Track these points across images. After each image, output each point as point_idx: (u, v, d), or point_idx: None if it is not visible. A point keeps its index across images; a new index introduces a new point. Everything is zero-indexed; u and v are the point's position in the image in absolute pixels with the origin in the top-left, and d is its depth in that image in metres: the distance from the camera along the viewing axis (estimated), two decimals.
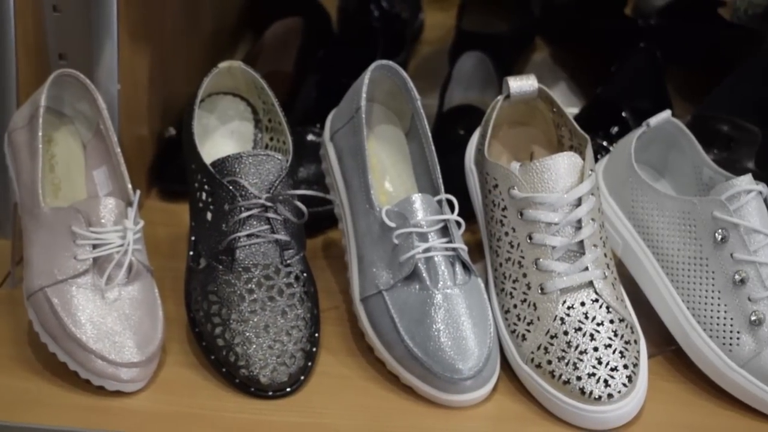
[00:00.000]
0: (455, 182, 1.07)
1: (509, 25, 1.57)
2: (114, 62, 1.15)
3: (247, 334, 0.96)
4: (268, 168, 1.01)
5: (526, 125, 1.10)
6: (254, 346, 0.96)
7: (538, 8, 1.64)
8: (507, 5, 1.62)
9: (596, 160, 1.12)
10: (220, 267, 1.00)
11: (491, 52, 1.40)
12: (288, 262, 1.01)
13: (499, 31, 1.55)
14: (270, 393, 0.95)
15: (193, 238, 1.04)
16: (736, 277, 0.97)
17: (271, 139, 1.11)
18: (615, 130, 1.29)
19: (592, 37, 1.56)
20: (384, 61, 1.06)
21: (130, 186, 1.03)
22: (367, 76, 1.05)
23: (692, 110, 1.34)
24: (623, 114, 1.30)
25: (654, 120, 1.06)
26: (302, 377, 0.97)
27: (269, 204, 1.00)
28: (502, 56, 1.43)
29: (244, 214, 0.99)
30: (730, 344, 0.97)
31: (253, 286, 0.99)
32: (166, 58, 1.30)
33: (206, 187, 1.01)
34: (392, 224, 0.98)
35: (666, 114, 1.06)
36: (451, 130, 1.27)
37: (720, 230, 0.98)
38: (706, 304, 0.98)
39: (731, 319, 0.97)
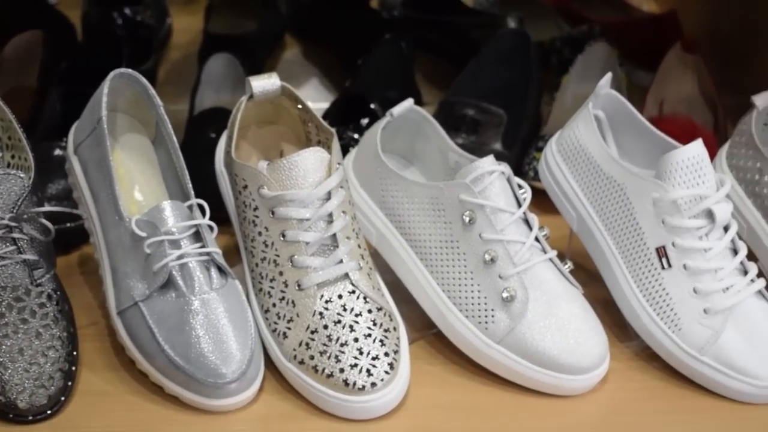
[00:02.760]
0: (209, 186, 1.07)
1: (257, 24, 1.57)
2: None
3: (1, 359, 0.93)
4: (10, 187, 0.98)
5: (274, 124, 1.10)
6: (9, 371, 0.93)
7: (285, 6, 1.64)
8: (254, 5, 1.61)
9: (348, 152, 1.13)
10: None
11: (239, 53, 1.40)
12: (38, 281, 0.98)
13: (246, 31, 1.54)
14: (30, 417, 0.93)
15: None
16: (486, 256, 0.99)
17: (13, 156, 1.08)
18: (365, 122, 1.30)
19: (340, 32, 1.58)
20: (123, 69, 1.05)
21: None
22: (106, 86, 1.03)
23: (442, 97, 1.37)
24: (372, 106, 1.31)
25: (397, 109, 1.07)
26: (63, 398, 0.94)
27: (14, 224, 0.97)
28: (250, 56, 1.43)
29: None
30: (486, 322, 0.99)
31: (4, 309, 0.96)
32: None
33: None
34: (143, 234, 0.97)
35: (408, 103, 1.08)
36: (203, 133, 1.25)
37: (467, 212, 1.00)
38: (460, 285, 1.01)
39: (485, 297, 0.99)
